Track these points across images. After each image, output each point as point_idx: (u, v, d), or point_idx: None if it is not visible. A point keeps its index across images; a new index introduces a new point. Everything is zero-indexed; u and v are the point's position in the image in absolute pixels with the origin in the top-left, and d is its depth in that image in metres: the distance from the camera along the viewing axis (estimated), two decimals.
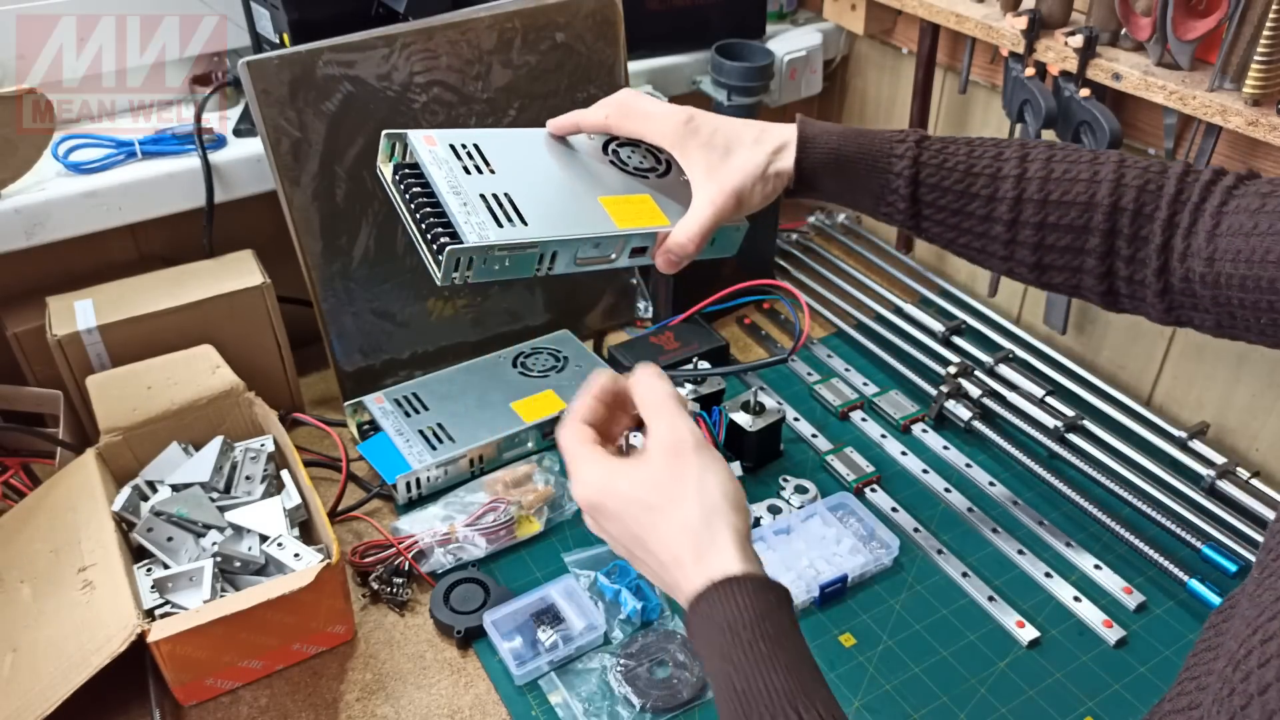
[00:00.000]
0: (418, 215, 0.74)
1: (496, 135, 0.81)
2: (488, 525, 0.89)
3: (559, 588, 0.85)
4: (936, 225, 0.75)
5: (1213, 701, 0.47)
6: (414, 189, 0.75)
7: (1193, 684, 0.56)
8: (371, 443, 0.98)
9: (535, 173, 0.79)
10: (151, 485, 0.88)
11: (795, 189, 0.78)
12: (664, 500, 0.56)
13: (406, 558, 0.86)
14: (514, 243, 0.72)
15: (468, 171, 0.76)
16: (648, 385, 0.58)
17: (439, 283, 0.73)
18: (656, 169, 0.83)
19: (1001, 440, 1.01)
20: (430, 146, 0.76)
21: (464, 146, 0.78)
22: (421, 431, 0.98)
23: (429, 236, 0.73)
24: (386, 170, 0.78)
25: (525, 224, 0.74)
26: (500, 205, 0.74)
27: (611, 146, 0.83)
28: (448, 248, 0.71)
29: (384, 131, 0.78)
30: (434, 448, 0.96)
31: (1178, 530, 0.89)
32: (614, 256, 0.78)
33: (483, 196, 0.74)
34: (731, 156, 0.77)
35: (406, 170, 0.76)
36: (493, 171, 0.77)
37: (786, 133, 0.77)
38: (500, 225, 0.73)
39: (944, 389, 1.05)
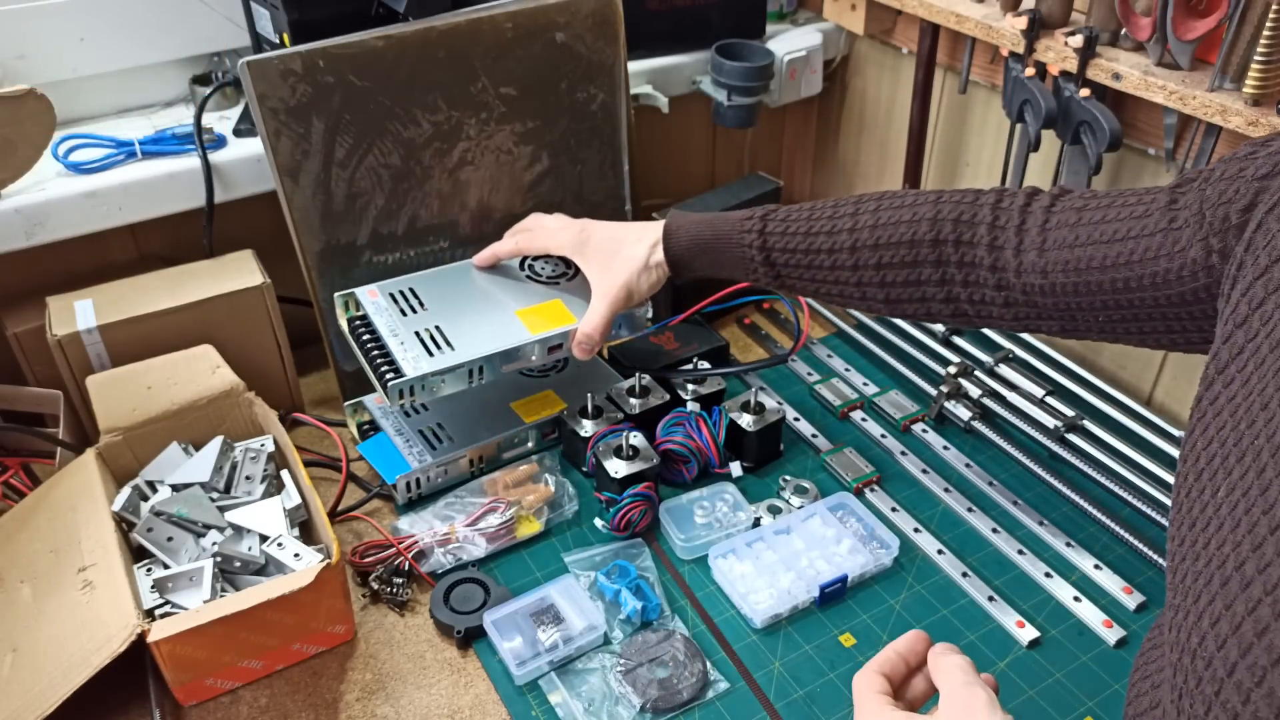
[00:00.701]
0: (368, 359, 0.90)
1: (429, 276, 0.98)
2: (488, 525, 0.89)
3: (559, 588, 0.85)
4: (797, 282, 0.85)
5: (1179, 695, 0.48)
6: (364, 337, 0.92)
7: (1147, 684, 0.58)
8: (371, 443, 0.98)
9: (462, 302, 0.95)
10: (151, 485, 0.88)
11: (674, 273, 0.92)
12: None
13: (406, 558, 0.86)
14: (443, 368, 0.87)
15: (404, 313, 0.93)
16: (945, 654, 0.59)
17: (390, 403, 0.89)
18: (566, 274, 1.00)
19: (1001, 440, 1.01)
20: (373, 299, 0.94)
21: (401, 293, 0.95)
22: (421, 431, 0.98)
23: (378, 374, 0.88)
24: (344, 323, 0.95)
25: (453, 349, 0.89)
26: (431, 338, 0.90)
27: (527, 262, 1.00)
28: (390, 382, 0.85)
29: (335, 294, 0.95)
30: (434, 448, 0.96)
31: None
32: (534, 358, 0.93)
33: (417, 333, 0.91)
34: (618, 256, 0.92)
35: (358, 321, 0.94)
36: (425, 309, 0.94)
37: (661, 229, 0.91)
38: (431, 354, 0.88)
39: (944, 389, 1.05)
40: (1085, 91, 0.97)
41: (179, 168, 0.99)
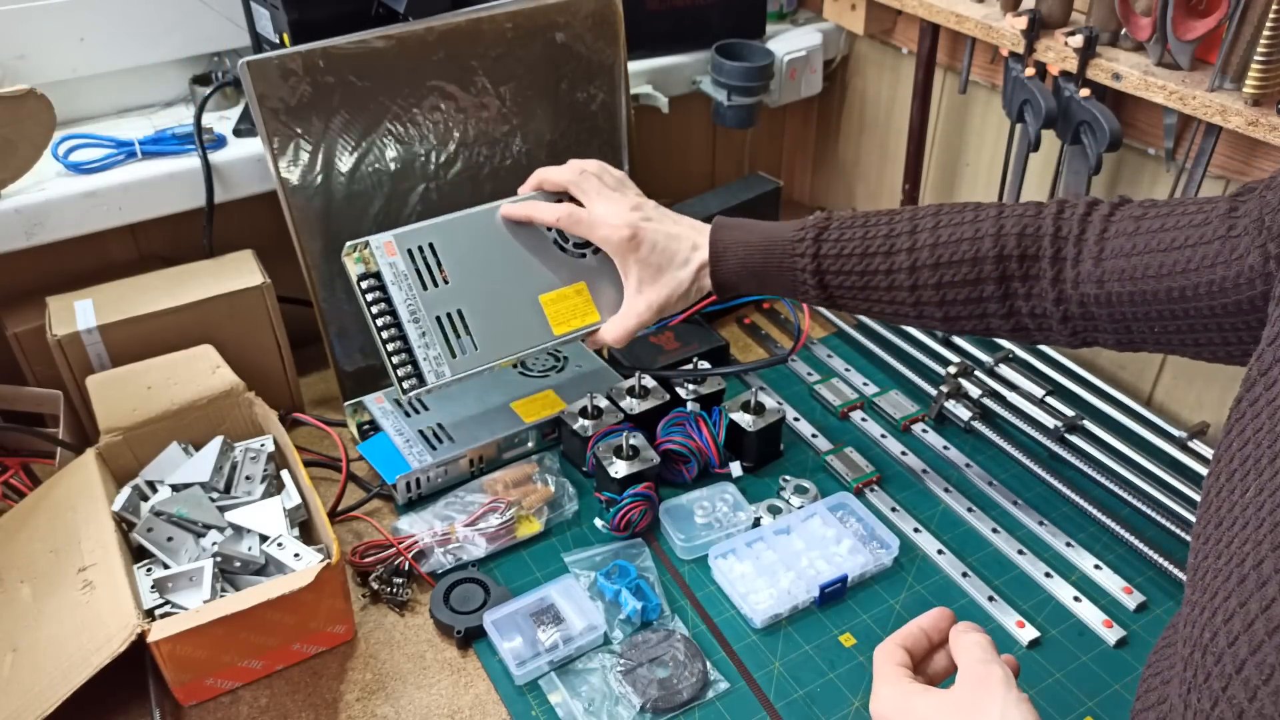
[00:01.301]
0: (384, 339, 0.86)
1: (450, 228, 0.90)
2: (488, 525, 0.89)
3: (559, 588, 0.85)
4: (849, 301, 0.82)
5: (1187, 690, 0.49)
6: (377, 309, 0.86)
7: (1157, 680, 0.58)
8: (371, 443, 0.98)
9: (485, 271, 0.90)
10: (151, 485, 0.88)
11: (719, 294, 0.88)
12: None
13: (406, 558, 0.86)
14: (465, 374, 0.86)
15: (424, 287, 0.87)
16: (966, 629, 0.60)
17: (402, 400, 0.89)
18: (591, 244, 0.92)
19: (1001, 440, 1.01)
20: (390, 257, 0.87)
21: (420, 250, 0.88)
22: (421, 431, 0.98)
23: (395, 371, 0.86)
24: (351, 271, 0.87)
25: (476, 348, 0.87)
26: (454, 327, 0.87)
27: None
28: (410, 392, 0.85)
29: (348, 242, 0.87)
30: (434, 448, 0.96)
31: (1178, 530, 0.89)
32: (552, 358, 0.94)
33: (438, 320, 0.86)
34: (662, 275, 0.87)
35: (374, 284, 0.87)
36: (446, 281, 0.88)
37: (708, 250, 0.86)
38: (454, 356, 0.86)
39: (944, 389, 1.05)
40: (1085, 91, 0.97)
41: (179, 168, 0.99)
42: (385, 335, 0.86)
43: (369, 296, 0.87)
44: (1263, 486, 0.48)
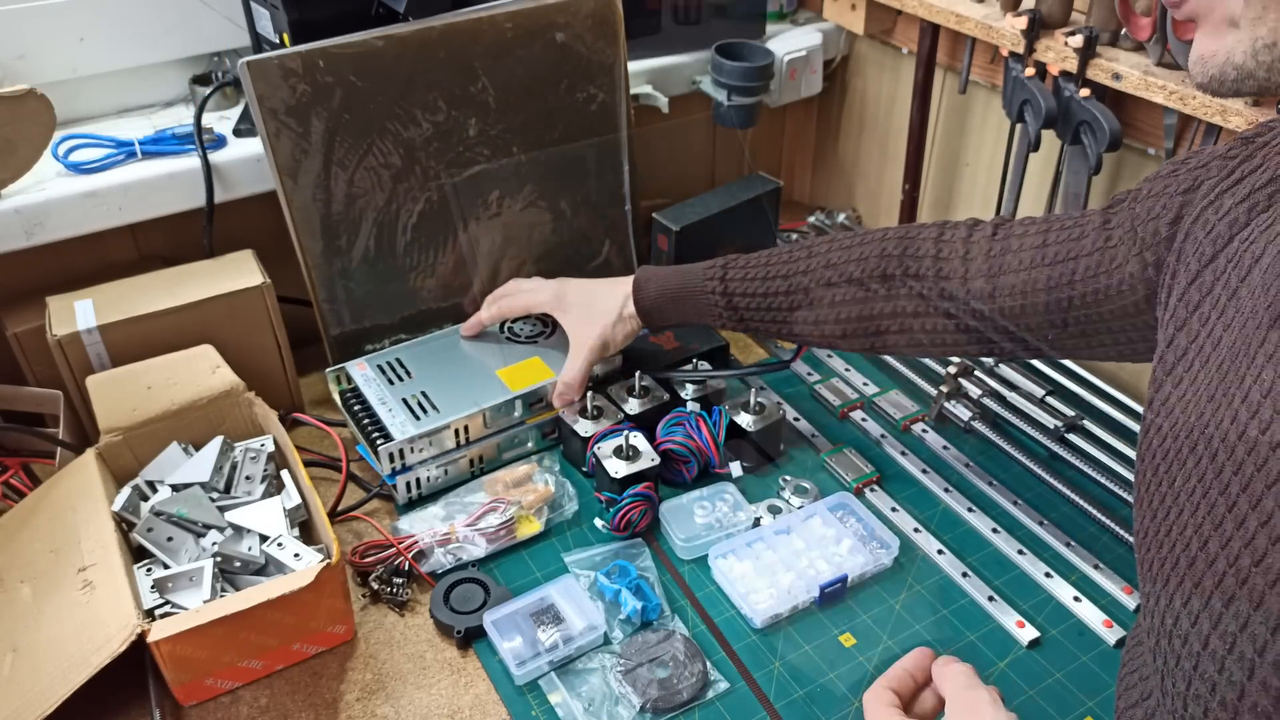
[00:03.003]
0: (360, 428, 0.95)
1: (415, 347, 1.04)
2: (488, 525, 0.89)
3: (559, 588, 0.85)
4: (759, 324, 0.90)
5: (1161, 678, 0.50)
6: (355, 408, 0.97)
7: (1135, 677, 0.61)
8: None
9: (446, 368, 1.00)
10: (151, 485, 0.88)
11: (645, 323, 0.97)
12: None
13: (406, 558, 0.86)
14: (428, 430, 0.92)
15: (391, 382, 0.98)
16: (948, 662, 0.61)
17: (384, 476, 0.92)
18: (544, 332, 1.05)
19: (1001, 440, 1.01)
20: (362, 371, 1.00)
21: (389, 364, 1.01)
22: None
23: (370, 441, 0.93)
24: (337, 397, 1.00)
25: (438, 411, 0.94)
26: (419, 403, 0.95)
27: (507, 325, 1.06)
28: (380, 446, 0.90)
29: (327, 370, 1.00)
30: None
31: None
32: (517, 414, 0.98)
33: (404, 400, 0.96)
34: (593, 309, 0.97)
35: (350, 394, 0.99)
36: (411, 377, 0.99)
37: (631, 283, 0.96)
38: (418, 419, 0.93)
39: (944, 389, 1.05)
40: (1085, 91, 0.97)
41: (179, 168, 0.99)
42: (362, 425, 0.95)
43: (348, 404, 0.98)
44: (1189, 475, 0.51)
